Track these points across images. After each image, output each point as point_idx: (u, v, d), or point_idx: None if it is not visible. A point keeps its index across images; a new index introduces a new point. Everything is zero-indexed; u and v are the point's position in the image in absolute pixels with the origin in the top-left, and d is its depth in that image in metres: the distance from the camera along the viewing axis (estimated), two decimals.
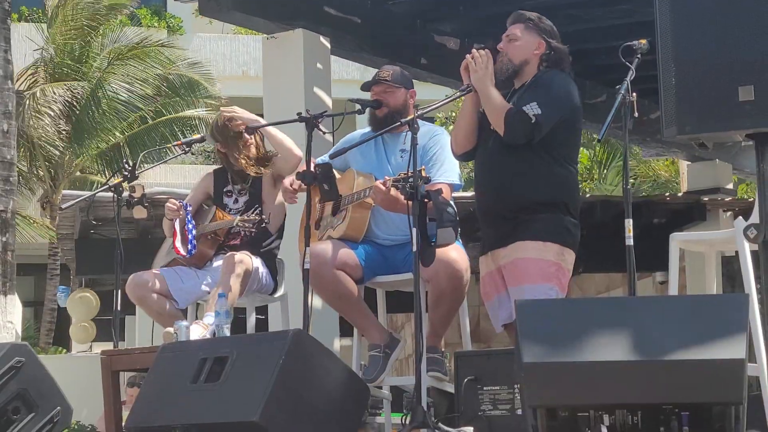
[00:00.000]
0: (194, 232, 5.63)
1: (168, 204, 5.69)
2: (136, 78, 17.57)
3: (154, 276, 5.65)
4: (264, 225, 5.58)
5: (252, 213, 5.66)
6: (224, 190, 5.89)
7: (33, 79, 17.52)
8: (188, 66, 18.24)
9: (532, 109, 4.58)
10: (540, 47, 4.83)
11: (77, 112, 17.41)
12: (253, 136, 5.75)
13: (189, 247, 5.60)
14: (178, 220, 5.65)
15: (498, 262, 4.77)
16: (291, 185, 5.31)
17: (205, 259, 5.76)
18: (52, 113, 16.77)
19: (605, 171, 18.59)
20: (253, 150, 5.78)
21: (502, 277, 4.76)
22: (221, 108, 5.95)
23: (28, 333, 18.22)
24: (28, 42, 18.74)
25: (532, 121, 4.58)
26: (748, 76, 4.38)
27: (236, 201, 5.85)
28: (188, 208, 5.68)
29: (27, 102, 16.75)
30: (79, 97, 17.37)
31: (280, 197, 5.82)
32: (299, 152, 5.53)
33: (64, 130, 17.06)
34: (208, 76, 18.41)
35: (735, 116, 4.42)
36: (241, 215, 5.74)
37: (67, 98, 17.08)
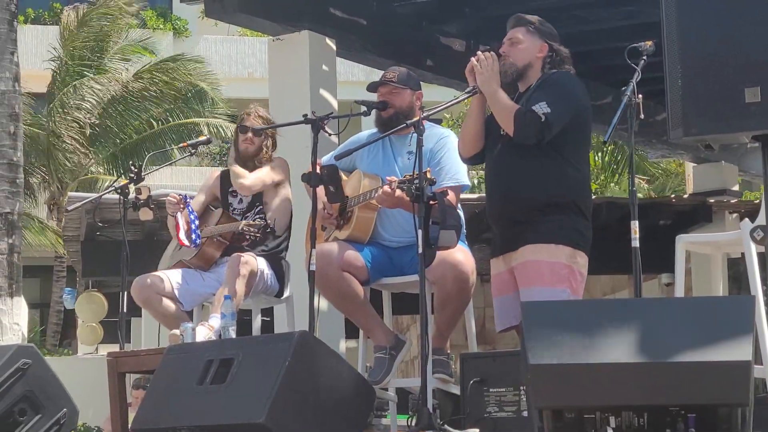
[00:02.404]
0: (197, 222, 5.65)
1: (168, 198, 5.70)
2: (159, 88, 17.69)
3: (160, 278, 5.65)
4: (269, 230, 5.59)
5: (256, 217, 5.67)
6: (229, 190, 5.91)
7: (51, 83, 17.60)
8: (200, 76, 18.31)
9: (542, 108, 4.56)
10: (543, 50, 4.81)
11: (98, 116, 17.53)
12: (255, 140, 5.78)
13: (193, 237, 5.61)
14: (180, 213, 5.66)
15: (510, 264, 4.76)
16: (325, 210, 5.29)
17: (210, 261, 5.77)
18: (79, 114, 16.88)
19: (618, 176, 18.55)
20: (251, 149, 5.81)
21: (513, 278, 4.74)
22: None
23: (34, 335, 18.25)
24: (40, 45, 18.82)
25: (542, 120, 4.56)
26: (755, 77, 4.38)
27: (240, 201, 5.88)
28: (188, 200, 5.69)
29: (55, 104, 16.86)
30: (104, 99, 17.50)
31: (283, 195, 5.82)
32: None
33: (84, 132, 17.17)
34: (216, 85, 18.44)
35: (741, 118, 4.42)
36: (244, 216, 5.76)
37: (95, 99, 17.19)
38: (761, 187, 5.09)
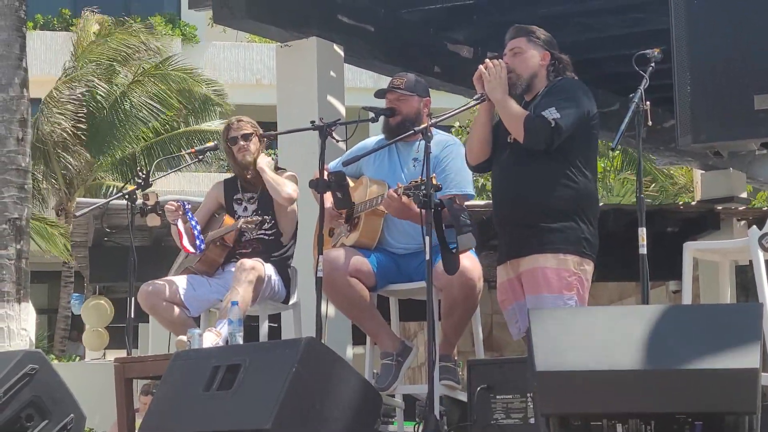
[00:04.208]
0: (198, 227, 5.66)
1: (167, 207, 5.72)
2: (157, 95, 17.68)
3: (166, 284, 5.65)
4: (266, 225, 5.62)
5: (254, 214, 5.70)
6: (234, 198, 5.92)
7: (57, 89, 17.62)
8: (204, 83, 18.31)
9: (551, 114, 4.57)
10: (545, 58, 4.82)
11: (96, 120, 17.52)
12: (249, 145, 5.78)
13: (198, 242, 5.62)
14: (180, 220, 5.67)
15: (517, 271, 4.76)
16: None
17: (215, 265, 5.77)
18: (67, 115, 16.85)
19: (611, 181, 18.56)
20: (247, 156, 5.81)
21: (521, 285, 4.74)
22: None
23: (41, 340, 18.28)
24: (48, 51, 18.85)
25: (552, 125, 4.56)
26: (764, 84, 4.37)
27: (245, 209, 5.88)
28: (187, 206, 5.70)
29: (44, 108, 16.85)
30: (98, 103, 17.48)
31: (290, 206, 5.84)
32: (288, 195, 5.65)
33: (82, 135, 17.16)
34: (221, 93, 18.44)
35: (750, 125, 4.42)
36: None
37: (83, 101, 17.17)
38: None
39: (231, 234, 5.73)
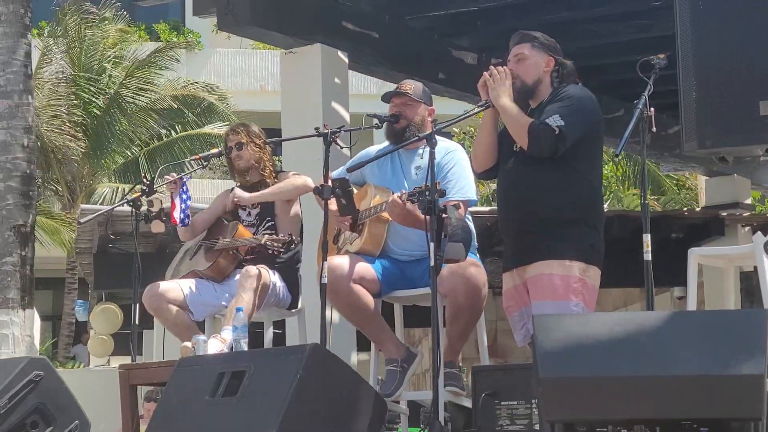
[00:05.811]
0: (189, 202, 5.72)
1: (167, 177, 5.79)
2: (151, 84, 17.67)
3: (171, 287, 5.66)
4: (294, 246, 5.62)
5: (266, 230, 5.70)
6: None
7: (52, 93, 17.62)
8: (203, 89, 18.33)
9: (555, 121, 4.56)
10: (549, 64, 4.82)
11: (95, 125, 17.52)
12: (242, 154, 5.82)
13: (182, 216, 5.69)
14: (176, 193, 5.74)
15: (523, 277, 4.75)
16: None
17: (224, 273, 5.78)
18: (67, 125, 16.86)
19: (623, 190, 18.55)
20: (241, 164, 5.85)
21: (527, 291, 4.74)
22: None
23: (46, 347, 18.30)
24: (54, 58, 18.87)
25: (556, 133, 4.56)
26: None
27: (249, 213, 5.89)
28: (185, 180, 5.77)
29: (45, 114, 16.87)
30: (97, 109, 17.50)
31: (293, 210, 5.85)
32: (300, 183, 5.74)
33: (81, 142, 17.18)
34: (223, 97, 18.45)
35: (756, 130, 4.42)
36: (255, 228, 5.77)
37: (82, 111, 17.20)
38: None
39: (247, 245, 5.73)
